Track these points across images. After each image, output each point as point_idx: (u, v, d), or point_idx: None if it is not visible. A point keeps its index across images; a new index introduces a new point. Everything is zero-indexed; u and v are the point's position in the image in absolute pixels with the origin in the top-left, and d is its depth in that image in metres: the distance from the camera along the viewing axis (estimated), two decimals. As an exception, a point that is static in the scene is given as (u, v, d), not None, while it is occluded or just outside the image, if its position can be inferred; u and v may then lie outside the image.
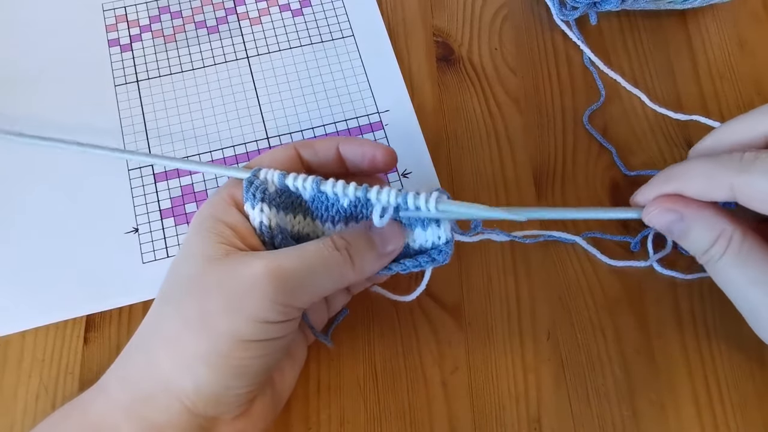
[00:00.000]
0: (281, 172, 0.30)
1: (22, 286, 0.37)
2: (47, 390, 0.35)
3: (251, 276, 0.27)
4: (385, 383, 0.35)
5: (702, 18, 0.46)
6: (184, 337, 0.27)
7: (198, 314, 0.27)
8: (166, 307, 0.29)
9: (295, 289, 0.28)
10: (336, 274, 0.29)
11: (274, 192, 0.31)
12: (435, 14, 0.47)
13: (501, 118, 0.43)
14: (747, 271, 0.29)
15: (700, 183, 0.29)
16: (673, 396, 0.35)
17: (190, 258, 0.29)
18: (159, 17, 0.46)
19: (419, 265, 0.31)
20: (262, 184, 0.30)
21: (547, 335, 0.37)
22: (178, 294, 0.29)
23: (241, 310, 0.27)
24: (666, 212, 0.30)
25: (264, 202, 0.30)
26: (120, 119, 0.42)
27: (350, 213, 0.31)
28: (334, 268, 0.29)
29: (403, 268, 0.31)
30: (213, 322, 0.27)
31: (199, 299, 0.27)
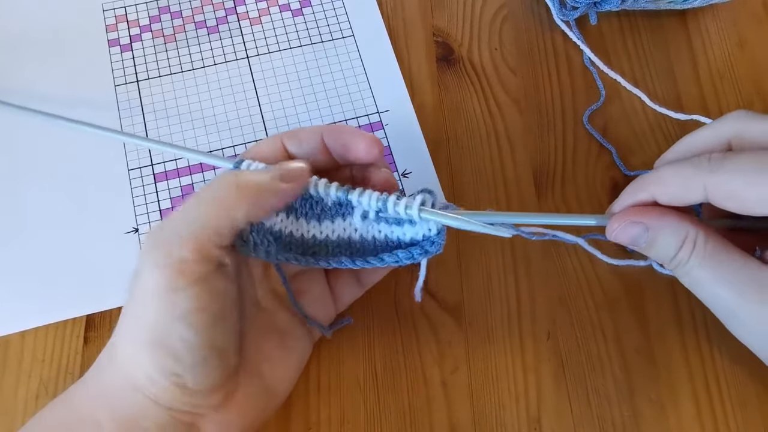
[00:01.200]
0: (264, 165, 0.30)
1: (22, 286, 0.37)
2: (47, 390, 0.35)
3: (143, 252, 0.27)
4: (385, 383, 0.35)
5: (702, 18, 0.46)
6: (125, 325, 0.28)
7: (131, 310, 0.28)
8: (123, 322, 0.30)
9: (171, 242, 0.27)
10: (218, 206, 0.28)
11: None
12: (435, 14, 0.47)
13: (501, 118, 0.43)
14: (714, 272, 0.29)
15: (674, 187, 0.29)
16: (673, 396, 0.35)
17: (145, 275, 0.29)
18: (159, 17, 0.46)
19: (412, 256, 0.31)
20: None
21: (547, 335, 0.37)
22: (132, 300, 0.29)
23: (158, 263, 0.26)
24: (630, 225, 0.30)
25: None
26: (120, 119, 0.42)
27: (336, 211, 0.31)
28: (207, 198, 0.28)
29: (395, 260, 0.31)
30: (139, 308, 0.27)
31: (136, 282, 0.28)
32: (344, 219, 0.31)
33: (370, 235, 0.32)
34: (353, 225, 0.32)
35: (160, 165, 0.41)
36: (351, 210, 0.31)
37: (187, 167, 0.41)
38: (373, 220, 0.31)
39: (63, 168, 0.41)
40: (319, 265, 0.31)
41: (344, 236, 0.32)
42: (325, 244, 0.32)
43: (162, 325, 0.27)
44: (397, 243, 0.32)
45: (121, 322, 0.29)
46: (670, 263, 0.30)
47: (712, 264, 0.29)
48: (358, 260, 0.31)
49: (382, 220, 0.31)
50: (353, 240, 0.32)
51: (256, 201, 0.28)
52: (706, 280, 0.29)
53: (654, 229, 0.30)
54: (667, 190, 0.29)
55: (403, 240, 0.31)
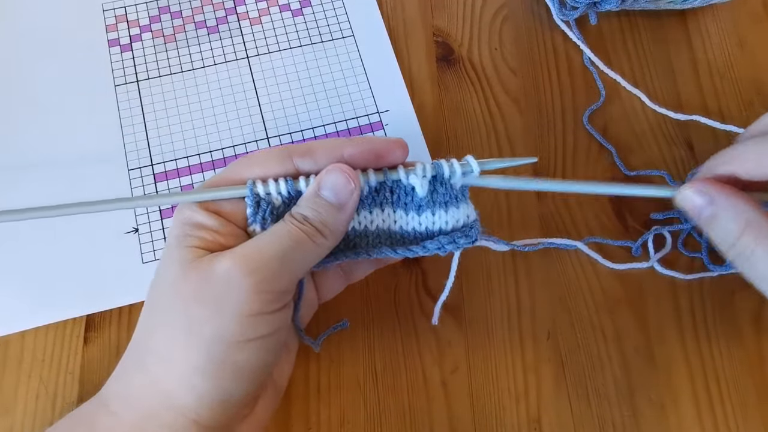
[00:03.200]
0: (287, 179, 0.29)
1: (22, 286, 0.37)
2: (47, 390, 0.35)
3: (224, 272, 0.26)
4: (385, 383, 0.35)
5: (702, 18, 0.46)
6: (174, 351, 0.27)
7: (183, 325, 0.26)
8: (151, 319, 0.29)
9: (272, 273, 0.27)
10: (307, 245, 0.28)
11: (281, 204, 0.29)
12: (435, 14, 0.47)
13: (501, 118, 0.43)
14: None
15: (751, 162, 0.28)
16: (673, 396, 0.35)
17: (168, 265, 0.28)
18: (159, 17, 0.46)
19: (454, 241, 0.30)
20: (269, 205, 0.29)
21: (547, 335, 0.37)
22: (160, 304, 0.28)
23: (223, 309, 0.26)
24: (697, 194, 0.29)
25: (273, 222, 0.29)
26: (120, 119, 0.42)
27: (373, 200, 0.31)
28: (302, 239, 0.28)
29: (438, 246, 0.30)
30: (199, 330, 0.26)
31: (182, 308, 0.27)
32: (383, 209, 0.31)
33: (410, 227, 0.31)
34: (392, 216, 0.31)
35: (160, 165, 0.41)
36: (389, 197, 0.31)
37: (187, 167, 0.41)
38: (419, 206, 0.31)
39: (63, 168, 0.41)
40: (358, 258, 0.31)
41: (383, 227, 0.31)
42: (364, 234, 0.31)
43: (229, 348, 0.26)
44: (438, 233, 0.31)
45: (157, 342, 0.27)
46: (730, 250, 0.28)
47: None
48: (399, 249, 0.31)
49: (427, 205, 0.31)
50: (393, 231, 0.31)
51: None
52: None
53: (717, 204, 0.28)
54: (744, 166, 0.28)
55: (444, 230, 0.31)
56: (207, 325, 0.26)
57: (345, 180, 0.29)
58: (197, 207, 0.29)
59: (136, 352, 0.29)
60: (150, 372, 0.27)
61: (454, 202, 0.31)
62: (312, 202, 0.29)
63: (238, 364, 0.27)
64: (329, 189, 0.29)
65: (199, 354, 0.26)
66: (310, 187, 0.29)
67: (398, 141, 0.31)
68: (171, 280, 0.27)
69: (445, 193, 0.30)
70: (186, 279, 0.27)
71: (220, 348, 0.26)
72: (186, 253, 0.27)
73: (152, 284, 0.29)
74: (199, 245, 0.28)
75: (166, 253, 0.29)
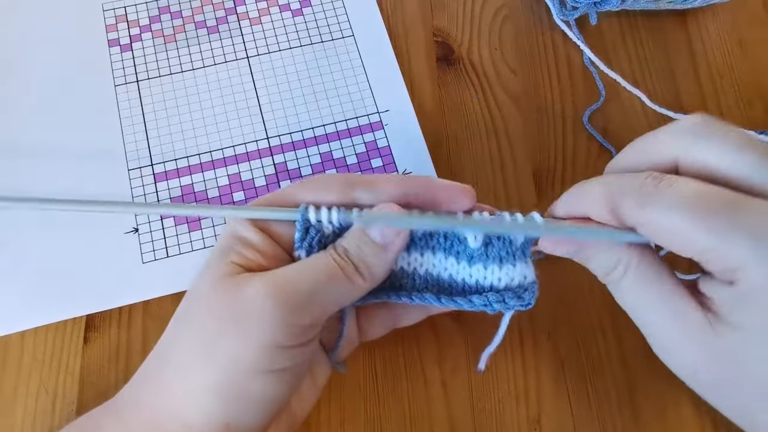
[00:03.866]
0: (340, 209, 0.28)
1: (22, 286, 0.37)
2: (47, 390, 0.35)
3: (252, 295, 0.25)
4: (385, 383, 0.35)
5: (702, 18, 0.46)
6: (191, 366, 0.26)
7: (205, 343, 0.26)
8: (176, 329, 0.28)
9: (301, 305, 0.26)
10: (342, 282, 0.27)
11: (331, 233, 0.28)
12: (435, 14, 0.47)
13: (501, 118, 0.43)
14: (640, 296, 0.28)
15: (602, 210, 0.27)
16: (673, 396, 0.35)
17: (205, 276, 0.27)
18: (159, 17, 0.46)
19: (503, 301, 0.29)
20: (318, 233, 0.28)
21: (547, 335, 0.37)
22: (187, 314, 0.27)
23: (244, 334, 0.25)
24: (564, 244, 0.29)
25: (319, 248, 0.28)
26: (120, 119, 0.42)
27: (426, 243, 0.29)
28: (338, 275, 0.27)
29: (484, 303, 0.29)
30: (215, 349, 0.25)
31: (204, 323, 0.26)
32: (434, 253, 0.29)
33: (460, 277, 0.30)
34: (443, 263, 0.29)
35: (160, 165, 0.41)
36: (444, 244, 0.29)
37: (187, 167, 0.41)
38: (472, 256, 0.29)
39: (62, 168, 0.41)
40: (399, 300, 0.30)
41: (432, 272, 0.30)
42: (411, 277, 0.30)
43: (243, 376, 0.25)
44: (489, 289, 0.29)
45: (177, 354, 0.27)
46: (605, 279, 0.29)
47: (642, 289, 0.28)
48: (443, 298, 0.29)
49: (480, 257, 0.29)
50: (441, 278, 0.30)
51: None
52: (636, 301, 0.28)
53: (587, 251, 0.29)
54: (596, 212, 0.28)
55: (496, 287, 0.29)
56: (225, 347, 0.25)
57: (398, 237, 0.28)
58: (248, 222, 0.28)
59: (156, 361, 0.28)
60: (166, 384, 0.27)
61: (510, 259, 0.29)
62: (356, 237, 0.28)
63: (251, 393, 0.26)
64: (376, 228, 0.28)
65: (214, 374, 0.25)
66: (356, 225, 0.28)
67: (465, 188, 0.29)
68: (203, 292, 0.27)
69: (501, 248, 0.29)
70: (216, 294, 0.26)
71: (234, 373, 0.25)
72: (223, 268, 0.27)
73: (188, 292, 0.28)
74: (239, 262, 0.27)
75: (207, 263, 0.28)
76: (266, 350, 0.25)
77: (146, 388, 0.28)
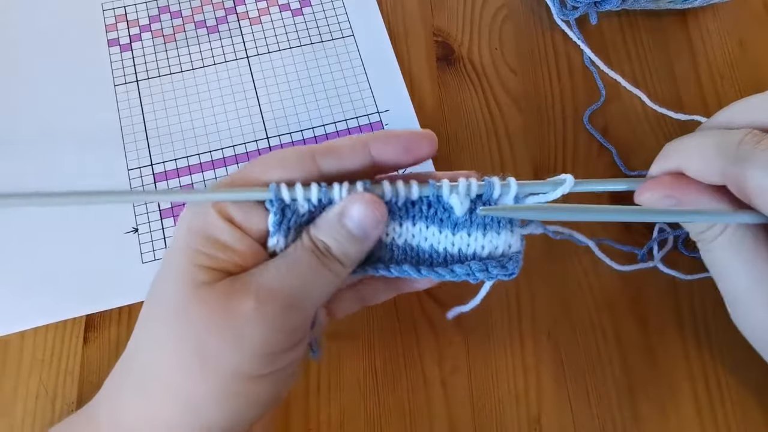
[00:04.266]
0: (320, 185, 0.26)
1: (22, 286, 0.37)
2: (47, 390, 0.35)
3: (246, 310, 0.24)
4: (385, 383, 0.35)
5: (702, 18, 0.46)
6: (183, 381, 0.25)
7: (197, 356, 0.25)
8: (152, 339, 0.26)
9: (292, 309, 0.25)
10: (327, 275, 0.26)
11: (306, 212, 0.27)
12: (435, 14, 0.47)
13: (501, 118, 0.43)
14: (734, 261, 0.28)
15: (696, 164, 0.27)
16: (673, 396, 0.35)
17: (176, 281, 0.25)
18: (159, 17, 0.46)
19: (486, 270, 0.27)
20: (294, 213, 0.26)
21: (547, 335, 0.37)
22: (164, 324, 0.26)
23: (242, 346, 0.24)
24: (664, 198, 0.28)
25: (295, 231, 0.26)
26: (120, 119, 0.42)
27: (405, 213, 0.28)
28: (323, 271, 0.26)
29: (467, 272, 0.28)
30: (215, 363, 0.24)
31: (194, 337, 0.25)
32: (414, 223, 0.28)
33: (442, 246, 0.28)
34: (423, 232, 0.28)
35: (159, 165, 0.41)
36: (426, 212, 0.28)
37: (186, 167, 0.41)
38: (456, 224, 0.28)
39: (62, 168, 0.41)
40: (377, 273, 0.28)
41: (412, 242, 0.28)
42: (389, 248, 0.28)
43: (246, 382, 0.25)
44: (471, 257, 0.28)
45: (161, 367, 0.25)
46: (696, 235, 0.29)
47: (735, 252, 0.28)
48: (423, 269, 0.28)
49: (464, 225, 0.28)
50: (422, 248, 0.28)
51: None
52: (726, 263, 0.28)
53: (686, 206, 0.28)
54: (690, 166, 0.27)
55: (479, 255, 0.28)
56: (224, 360, 0.24)
57: (371, 213, 0.26)
58: (215, 215, 0.26)
59: (132, 372, 0.27)
60: (149, 398, 0.26)
61: (494, 226, 0.28)
62: (335, 230, 0.26)
63: (253, 396, 0.26)
64: (354, 221, 0.26)
65: (213, 386, 0.25)
66: (332, 211, 0.26)
67: (426, 133, 0.28)
68: (180, 301, 0.25)
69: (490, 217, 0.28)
70: (200, 305, 0.25)
71: (236, 382, 0.25)
72: (198, 274, 0.25)
73: (153, 297, 0.27)
74: (213, 265, 0.25)
75: (172, 264, 0.26)
76: (262, 357, 0.25)
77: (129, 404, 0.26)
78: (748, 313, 0.29)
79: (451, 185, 0.27)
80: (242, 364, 0.25)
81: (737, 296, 0.29)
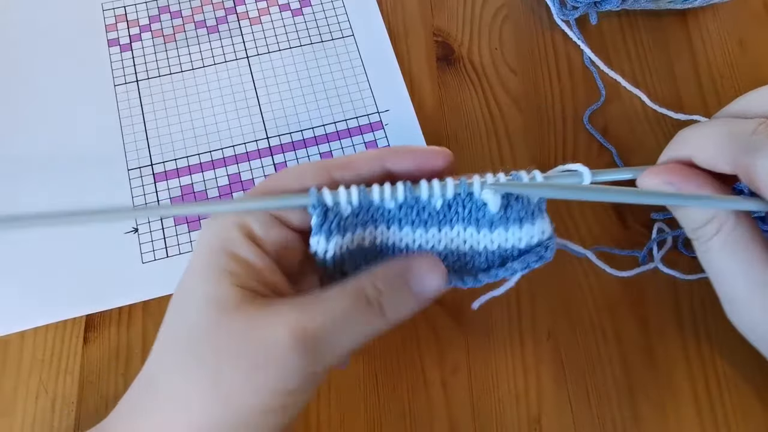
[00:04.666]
0: (360, 187, 0.26)
1: (22, 286, 0.37)
2: (47, 390, 0.35)
3: (274, 341, 0.23)
4: (385, 383, 0.35)
5: (702, 18, 0.46)
6: (198, 407, 0.24)
7: (212, 382, 0.24)
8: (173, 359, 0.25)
9: (321, 351, 0.24)
10: (366, 328, 0.25)
11: (350, 214, 0.27)
12: (435, 14, 0.47)
13: (501, 118, 0.43)
14: (730, 260, 0.28)
15: (708, 152, 0.27)
16: (673, 396, 0.35)
17: (199, 301, 0.25)
18: (159, 17, 0.46)
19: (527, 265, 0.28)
20: (338, 215, 0.26)
21: (547, 335, 0.37)
22: (185, 347, 0.25)
23: (262, 379, 0.23)
24: (664, 185, 0.28)
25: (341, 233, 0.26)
26: (120, 119, 0.42)
27: (444, 217, 0.28)
28: (363, 321, 0.25)
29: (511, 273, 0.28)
30: (231, 392, 0.24)
31: (214, 364, 0.24)
32: (452, 227, 0.28)
33: (482, 246, 0.29)
34: (462, 235, 0.28)
35: (159, 165, 0.41)
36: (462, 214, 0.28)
37: (186, 167, 0.41)
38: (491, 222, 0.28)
39: (62, 168, 0.41)
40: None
41: (451, 247, 0.28)
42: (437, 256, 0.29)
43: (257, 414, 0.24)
44: (510, 252, 0.29)
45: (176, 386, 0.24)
46: (692, 233, 0.29)
47: (731, 252, 0.27)
48: (467, 278, 0.28)
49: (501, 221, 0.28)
50: (461, 251, 0.29)
51: None
52: (722, 263, 0.28)
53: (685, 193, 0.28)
54: (701, 156, 0.27)
55: (517, 248, 0.28)
56: (240, 391, 0.24)
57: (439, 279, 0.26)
58: (237, 232, 0.25)
59: (149, 394, 0.26)
60: (165, 422, 0.25)
61: (528, 218, 0.28)
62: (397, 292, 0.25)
63: (265, 425, 0.25)
64: (420, 285, 0.26)
65: (221, 411, 0.24)
66: (396, 265, 0.26)
67: (441, 150, 0.28)
68: (201, 321, 0.24)
69: (520, 208, 0.28)
70: (221, 327, 0.24)
71: (249, 413, 0.24)
72: (223, 293, 0.24)
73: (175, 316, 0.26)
74: (238, 283, 0.24)
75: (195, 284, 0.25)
76: (280, 394, 0.24)
77: (143, 426, 0.26)
78: (745, 314, 0.29)
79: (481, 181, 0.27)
80: (255, 397, 0.24)
81: (733, 298, 0.29)
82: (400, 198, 0.27)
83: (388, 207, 0.27)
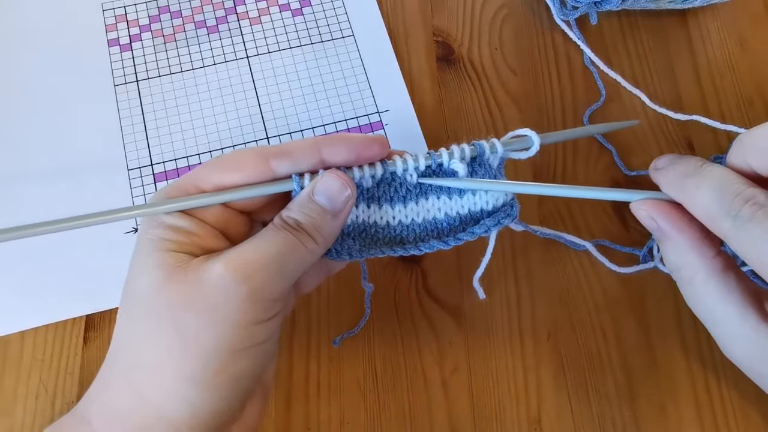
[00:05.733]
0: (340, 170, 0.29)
1: (22, 286, 0.37)
2: (47, 390, 0.35)
3: (216, 279, 0.25)
4: (385, 383, 0.35)
5: (702, 18, 0.46)
6: (167, 363, 0.25)
7: (175, 335, 0.25)
8: (133, 329, 0.27)
9: (265, 280, 0.26)
10: (301, 251, 0.27)
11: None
12: (435, 14, 0.47)
13: (501, 118, 0.43)
14: (706, 307, 0.28)
15: (701, 212, 0.27)
16: (673, 396, 0.35)
17: (143, 273, 0.26)
18: (159, 17, 0.46)
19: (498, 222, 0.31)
20: None
21: (547, 335, 0.37)
22: (143, 312, 0.26)
23: (219, 319, 0.25)
24: (649, 219, 0.29)
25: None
26: (120, 119, 0.42)
27: (420, 190, 0.31)
28: (296, 246, 0.27)
29: (485, 229, 0.31)
30: (196, 340, 0.25)
31: (171, 317, 0.25)
32: (427, 198, 0.31)
33: (454, 211, 0.31)
34: (436, 204, 0.31)
35: (159, 165, 0.41)
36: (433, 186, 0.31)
37: (186, 167, 0.41)
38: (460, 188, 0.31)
39: (62, 168, 0.41)
40: (408, 254, 0.31)
41: (429, 217, 0.31)
42: (412, 228, 0.31)
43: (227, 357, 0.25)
44: (480, 214, 0.31)
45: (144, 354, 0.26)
46: (672, 273, 0.30)
47: (706, 301, 0.28)
48: (449, 239, 0.31)
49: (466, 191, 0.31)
50: (438, 219, 0.31)
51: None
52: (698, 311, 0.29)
53: (665, 235, 0.29)
54: (695, 210, 0.27)
55: (485, 210, 0.31)
56: (204, 336, 0.25)
57: (340, 185, 0.28)
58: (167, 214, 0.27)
59: (118, 365, 0.27)
60: (137, 386, 0.26)
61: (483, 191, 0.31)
62: (305, 207, 0.28)
63: (236, 372, 0.26)
64: (323, 195, 0.28)
65: (195, 365, 0.25)
66: (303, 191, 0.28)
67: (377, 138, 0.30)
68: (154, 286, 0.26)
69: (484, 174, 0.31)
70: (173, 286, 0.25)
71: (218, 358, 0.25)
72: (167, 258, 0.26)
73: (128, 292, 0.27)
74: (179, 249, 0.26)
75: (141, 259, 0.27)
76: (243, 329, 0.26)
77: (118, 396, 0.27)
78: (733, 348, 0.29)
79: (447, 152, 0.30)
80: (221, 338, 0.25)
81: (717, 337, 0.29)
82: (378, 174, 0.30)
83: (366, 186, 0.30)
